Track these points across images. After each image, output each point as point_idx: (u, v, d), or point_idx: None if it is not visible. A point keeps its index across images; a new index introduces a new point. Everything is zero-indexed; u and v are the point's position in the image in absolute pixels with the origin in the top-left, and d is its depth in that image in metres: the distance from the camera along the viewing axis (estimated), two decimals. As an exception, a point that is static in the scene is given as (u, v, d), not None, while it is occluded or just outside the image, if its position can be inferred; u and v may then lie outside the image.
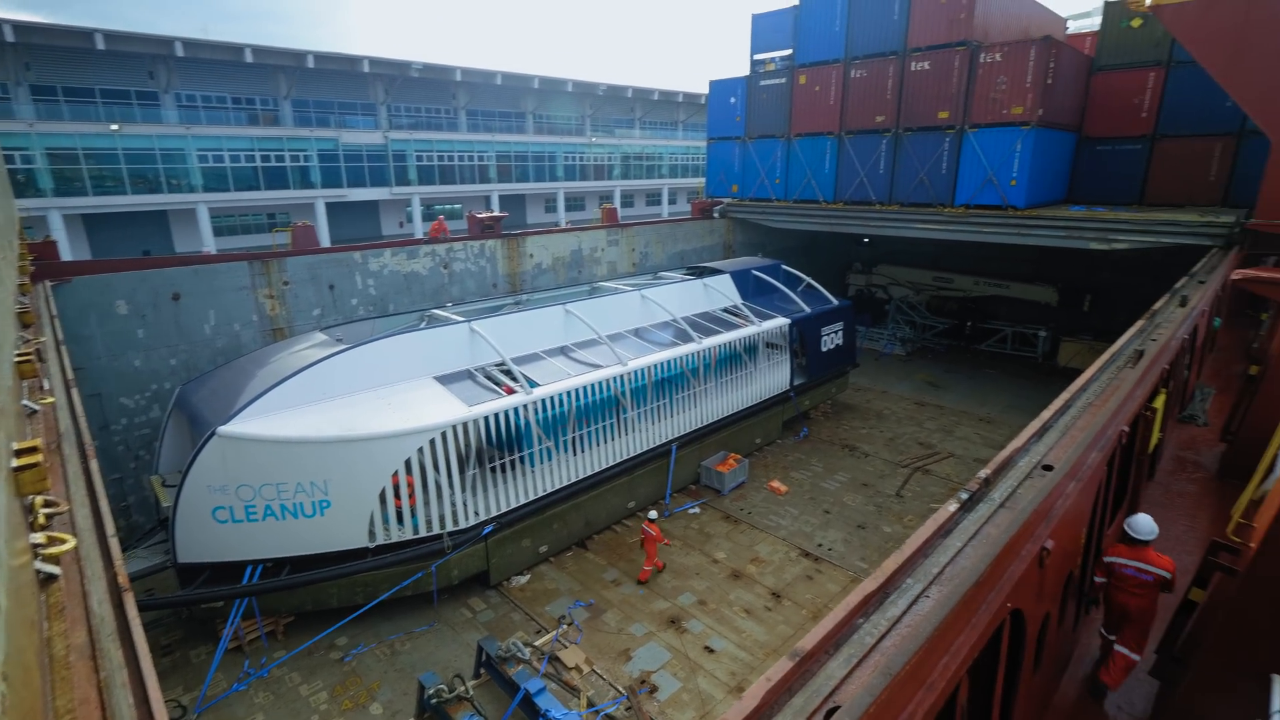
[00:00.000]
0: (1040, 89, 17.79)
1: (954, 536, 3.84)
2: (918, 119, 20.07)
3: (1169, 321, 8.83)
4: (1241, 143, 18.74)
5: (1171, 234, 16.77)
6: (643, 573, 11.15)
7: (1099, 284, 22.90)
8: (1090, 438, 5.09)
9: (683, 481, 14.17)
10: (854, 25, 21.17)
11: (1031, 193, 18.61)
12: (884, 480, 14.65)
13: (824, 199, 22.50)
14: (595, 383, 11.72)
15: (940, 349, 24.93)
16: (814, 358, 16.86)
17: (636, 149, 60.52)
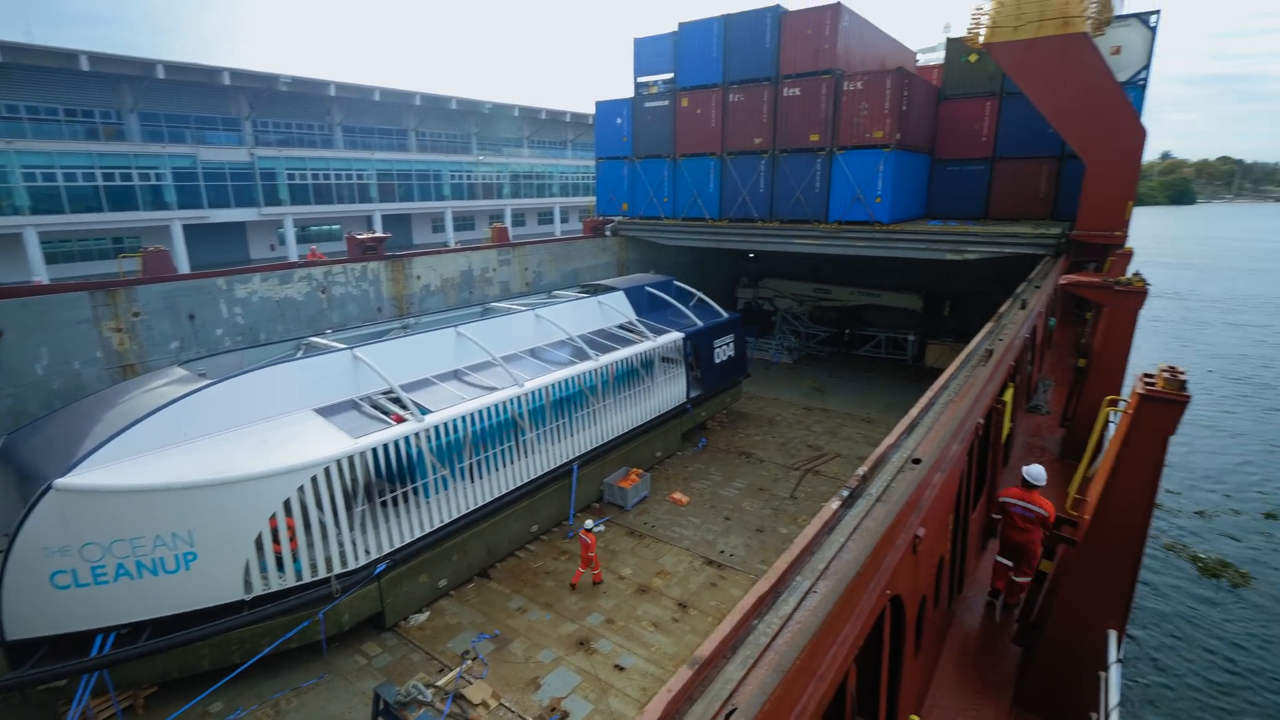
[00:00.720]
0: (897, 115, 19.49)
1: (837, 532, 4.07)
2: (792, 141, 21.37)
3: (1013, 323, 9.90)
4: (1063, 164, 21.44)
5: (1012, 244, 18.83)
6: (596, 575, 11.43)
7: (956, 291, 25.28)
8: (951, 431, 5.58)
9: (586, 500, 14.08)
10: (730, 52, 22.28)
11: (894, 209, 20.28)
12: (778, 484, 15.27)
13: (710, 216, 23.38)
14: (491, 406, 11.44)
15: (823, 356, 26.47)
16: (708, 370, 17.37)
17: (526, 168, 60.20)
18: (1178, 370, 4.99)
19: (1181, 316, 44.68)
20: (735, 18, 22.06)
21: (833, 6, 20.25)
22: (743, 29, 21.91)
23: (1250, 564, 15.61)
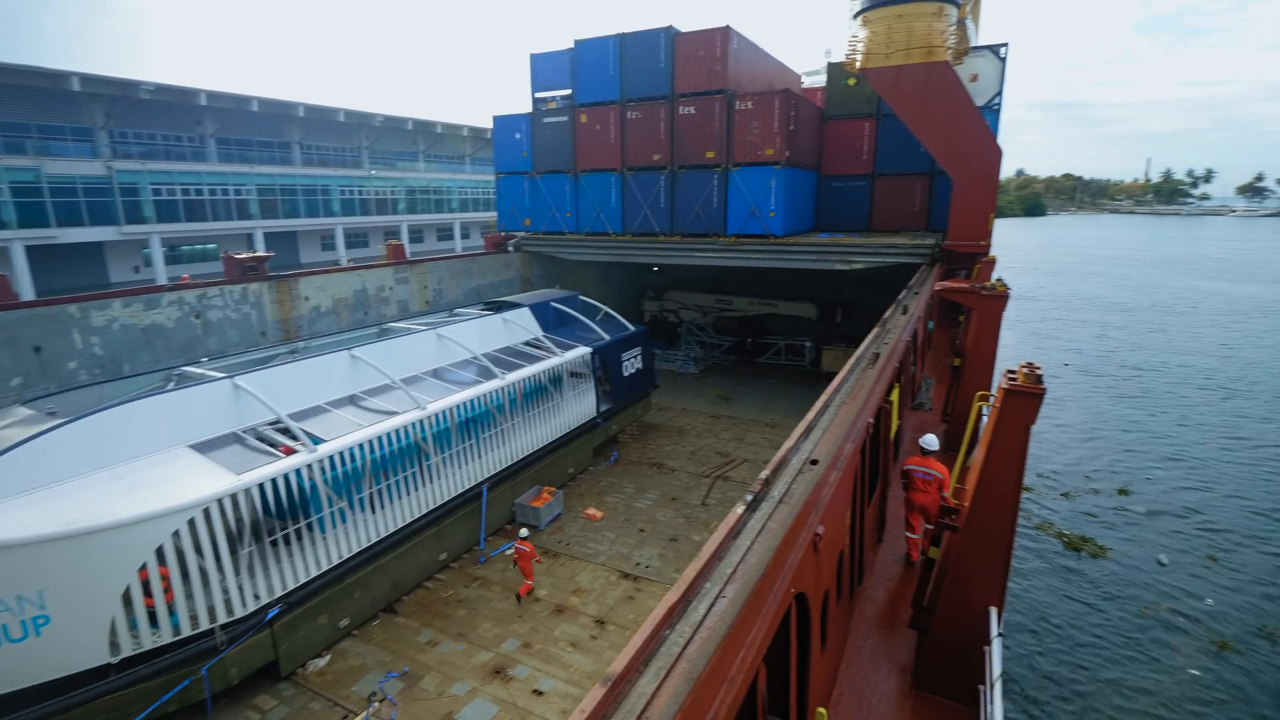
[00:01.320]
0: (785, 134, 20.55)
1: (743, 536, 4.18)
2: (689, 158, 22.02)
3: (896, 327, 10.63)
4: (934, 180, 23.37)
5: (893, 254, 20.26)
6: (524, 586, 11.39)
7: (847, 298, 26.86)
8: (845, 432, 5.90)
9: (497, 523, 13.72)
10: (626, 70, 22.70)
11: (787, 223, 21.32)
12: (690, 492, 15.53)
13: (613, 231, 23.61)
14: (392, 431, 10.93)
15: (728, 365, 27.29)
16: (617, 383, 17.45)
17: (423, 183, 58.45)
18: (1035, 366, 5.53)
19: (1040, 316, 49.67)
20: (630, 37, 22.53)
21: (722, 29, 21.13)
22: (638, 48, 22.40)
23: (1107, 537, 17.47)
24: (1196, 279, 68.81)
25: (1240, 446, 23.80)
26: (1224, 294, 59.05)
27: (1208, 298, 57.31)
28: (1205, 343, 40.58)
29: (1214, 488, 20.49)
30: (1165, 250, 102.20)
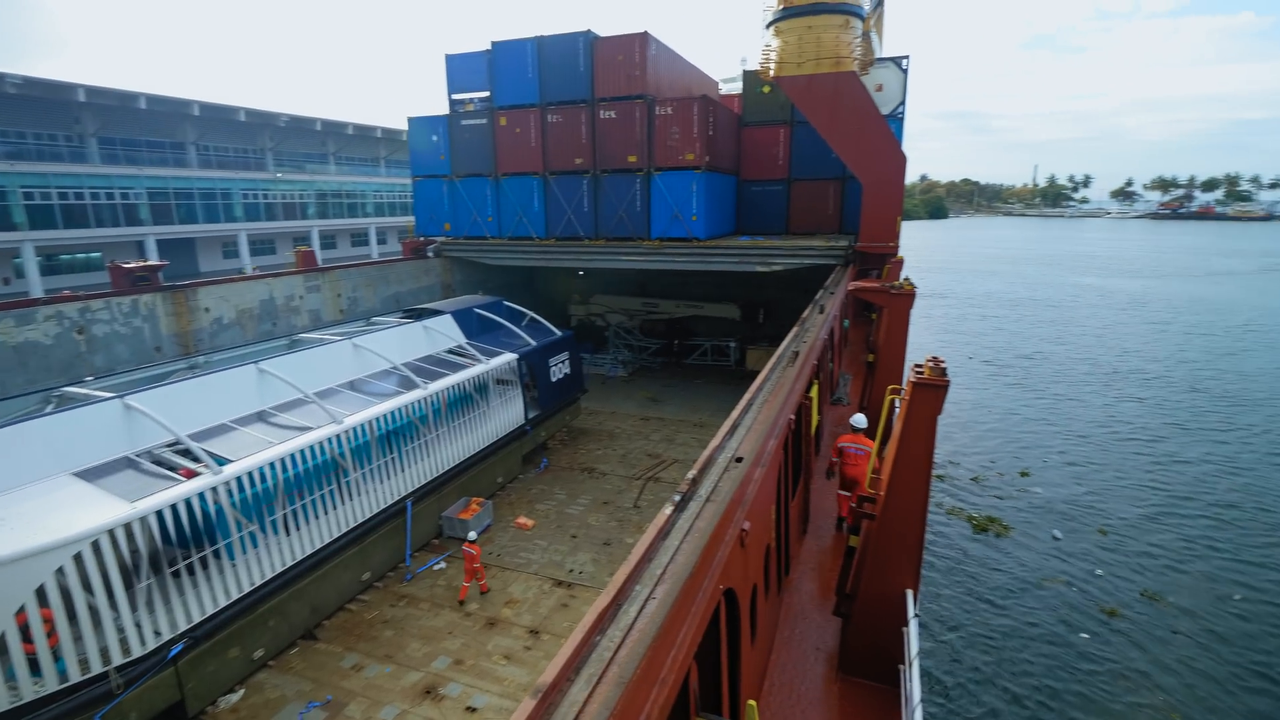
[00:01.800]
0: (705, 139, 20.97)
1: (672, 536, 4.23)
2: (611, 162, 22.11)
3: (814, 326, 11.04)
4: (845, 185, 24.44)
5: (810, 256, 21.05)
6: (482, 585, 11.58)
7: (768, 299, 27.66)
8: (768, 428, 6.07)
9: (424, 538, 13.27)
10: (545, 73, 22.54)
11: (709, 226, 21.75)
12: (622, 495, 15.55)
13: (537, 235, 23.38)
14: (306, 448, 10.37)
15: (656, 367, 27.54)
16: (545, 389, 17.27)
17: (334, 186, 55.95)
18: (939, 359, 5.88)
19: (946, 312, 52.87)
20: (549, 40, 22.40)
21: (640, 35, 21.34)
22: (556, 51, 22.30)
23: (1010, 516, 18.77)
24: (1079, 275, 75.15)
25: (1120, 425, 26.14)
26: (1102, 288, 64.76)
27: (1088, 292, 62.69)
28: (1087, 333, 44.37)
29: (1099, 465, 22.41)
30: (1051, 249, 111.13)
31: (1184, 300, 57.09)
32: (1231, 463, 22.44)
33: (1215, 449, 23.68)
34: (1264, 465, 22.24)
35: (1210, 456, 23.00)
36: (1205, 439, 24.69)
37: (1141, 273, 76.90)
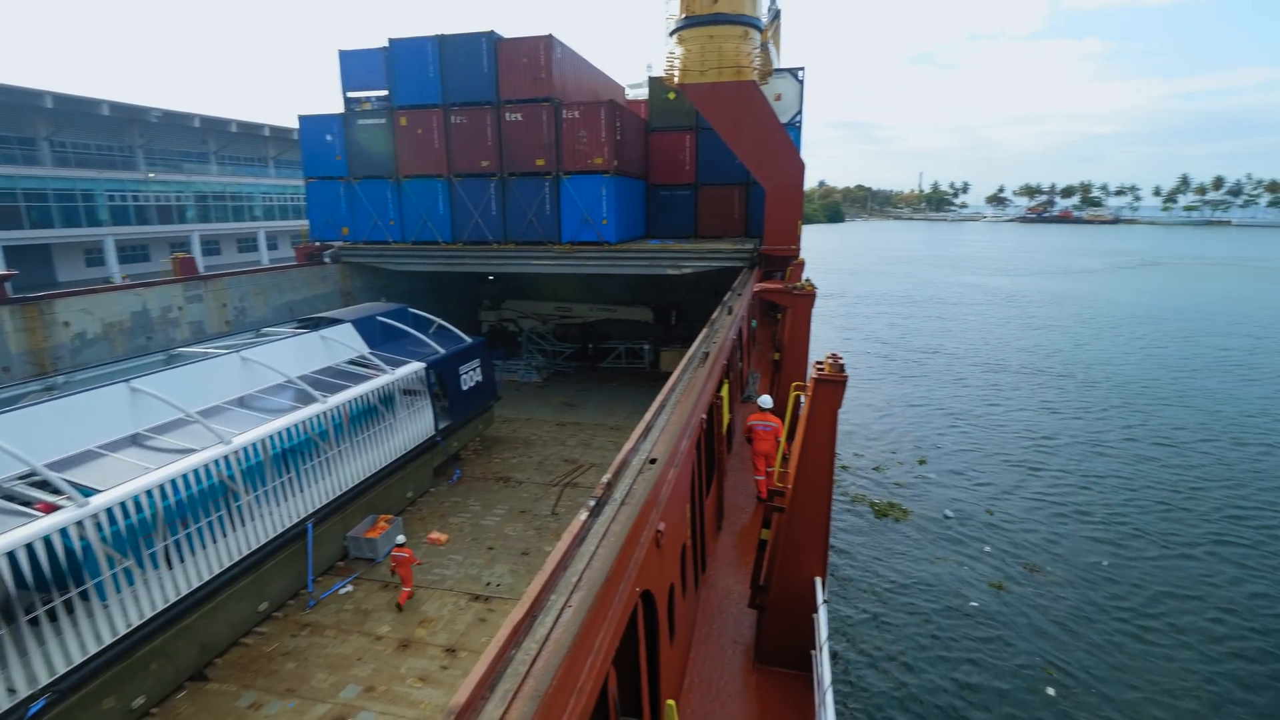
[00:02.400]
0: (613, 144, 21.07)
1: (588, 542, 4.19)
2: (519, 165, 21.79)
3: (723, 327, 11.33)
4: (749, 190, 25.27)
5: (718, 259, 21.60)
6: (403, 595, 11.41)
7: (680, 301, 28.15)
8: (681, 429, 6.15)
9: (328, 560, 12.53)
10: (448, 73, 21.93)
11: (620, 230, 21.87)
12: (539, 503, 15.33)
13: (443, 240, 22.68)
14: (188, 472, 9.53)
15: (571, 371, 27.38)
16: (456, 398, 16.76)
17: (217, 187, 51.97)
18: (838, 356, 6.17)
19: (846, 310, 55.77)
20: (450, 39, 21.82)
21: (545, 37, 21.18)
22: (459, 51, 21.75)
23: (909, 501, 20.01)
24: (962, 274, 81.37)
25: (1000, 410, 28.50)
26: (982, 286, 70.43)
27: (970, 289, 68.01)
28: (970, 327, 48.11)
29: (985, 448, 24.32)
30: (937, 250, 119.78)
31: (1050, 296, 63.08)
32: (1094, 441, 24.96)
33: (1080, 428, 26.28)
34: (1121, 441, 24.89)
35: (1077, 436, 25.50)
36: (1072, 420, 27.34)
37: (1014, 271, 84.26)
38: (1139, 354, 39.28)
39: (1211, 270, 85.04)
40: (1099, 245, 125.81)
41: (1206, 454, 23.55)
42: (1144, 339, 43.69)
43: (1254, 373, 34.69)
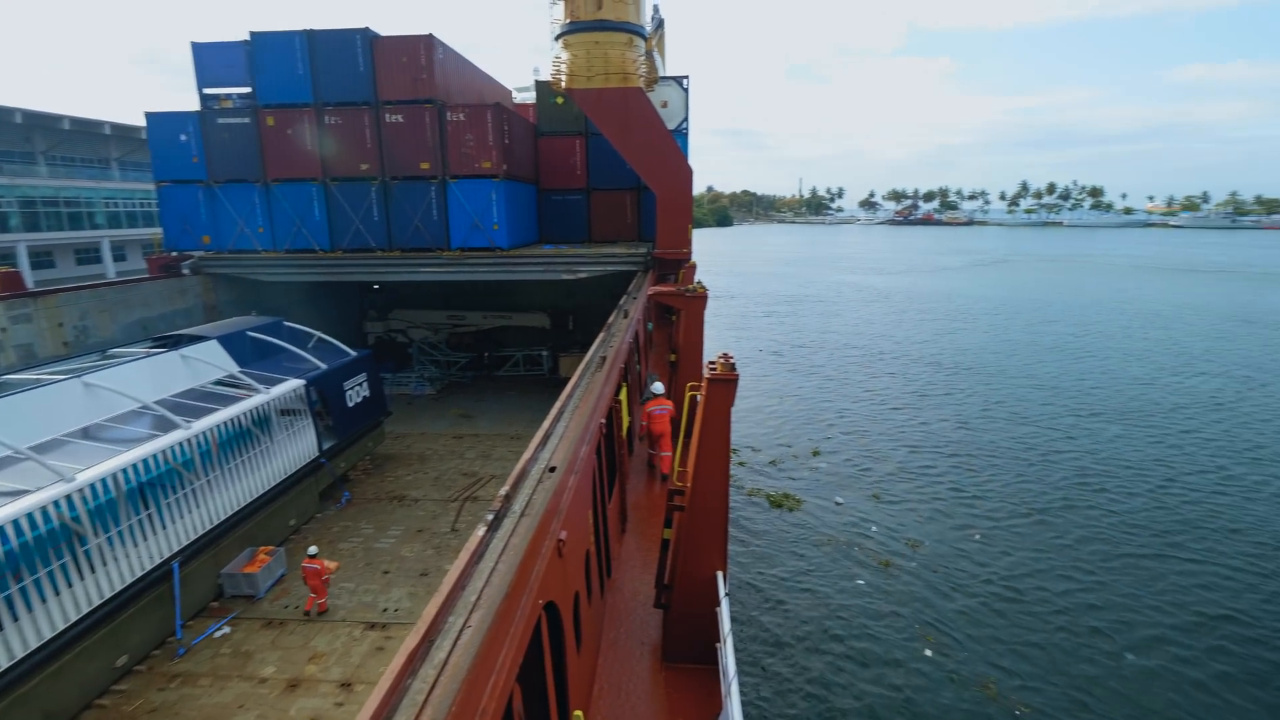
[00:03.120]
0: (501, 147, 20.67)
1: (486, 559, 4.07)
2: (402, 169, 20.88)
3: (619, 331, 11.41)
4: (641, 195, 25.63)
5: (612, 263, 21.73)
6: (315, 601, 11.16)
7: (577, 306, 28.05)
8: (580, 434, 6.12)
9: (200, 602, 11.39)
10: (320, 71, 20.65)
11: (512, 235, 21.49)
12: (438, 520, 14.74)
13: (320, 248, 21.32)
14: (20, 517, 8.34)
15: (467, 381, 26.56)
16: (341, 416, 15.79)
17: (47, 192, 45.95)
18: (729, 356, 6.39)
19: (738, 310, 57.92)
20: (321, 35, 20.56)
21: (425, 37, 20.46)
22: (331, 48, 20.54)
23: (802, 491, 21.06)
24: (840, 274, 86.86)
25: (882, 399, 30.66)
26: (858, 284, 75.52)
27: (847, 287, 72.73)
28: (848, 322, 51.44)
29: (869, 434, 26.07)
30: (818, 252, 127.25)
31: (918, 292, 68.72)
32: (960, 421, 27.43)
33: (949, 411, 28.78)
34: (983, 419, 27.51)
35: (944, 417, 27.90)
36: (942, 403, 29.90)
37: (887, 270, 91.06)
38: (993, 341, 43.64)
39: (1049, 265, 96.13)
40: (957, 245, 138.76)
41: (1053, 428, 26.52)
42: (996, 327, 48.62)
43: (1085, 355, 39.51)
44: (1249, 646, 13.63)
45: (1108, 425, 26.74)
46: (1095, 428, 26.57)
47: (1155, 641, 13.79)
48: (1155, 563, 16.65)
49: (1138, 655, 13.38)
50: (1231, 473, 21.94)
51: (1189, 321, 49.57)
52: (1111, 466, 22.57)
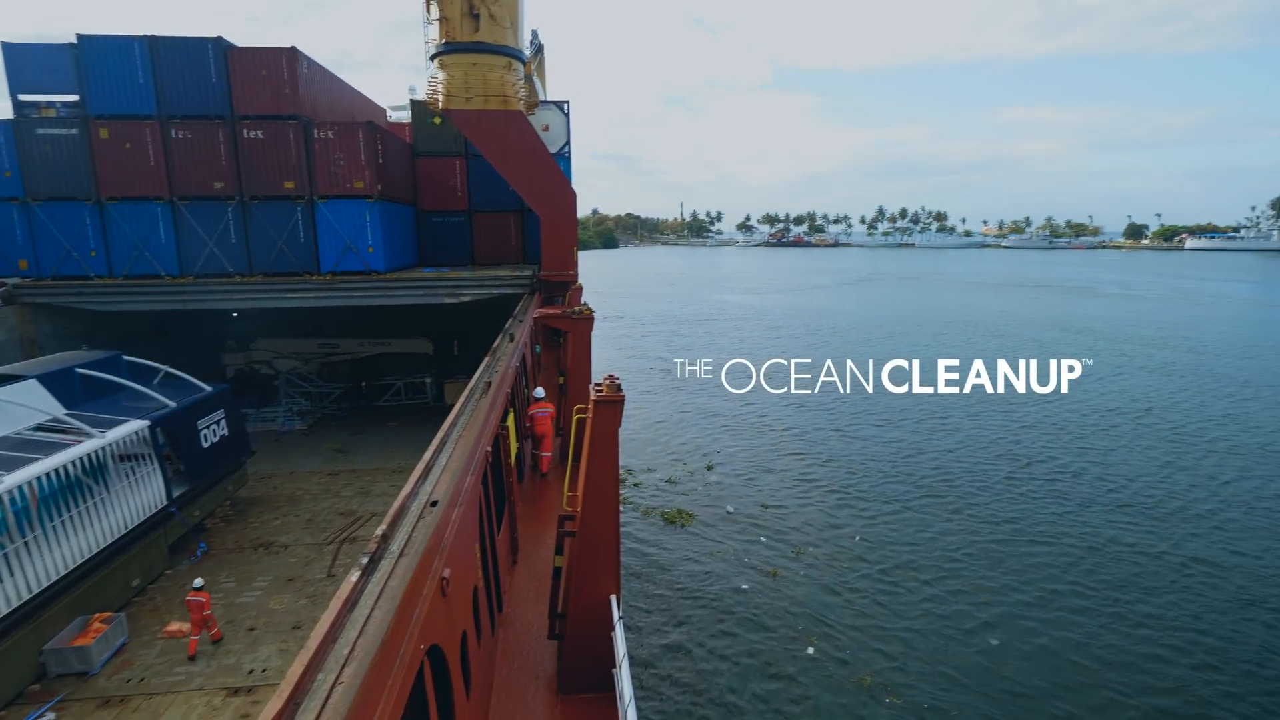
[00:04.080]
0: (375, 167, 19.79)
1: (360, 606, 3.80)
2: (264, 188, 19.45)
3: (505, 355, 11.18)
4: (525, 217, 25.41)
5: (497, 286, 21.33)
6: (214, 633, 10.74)
7: (462, 330, 27.19)
8: (464, 465, 5.90)
9: (17, 686, 9.73)
10: (165, 81, 18.87)
11: (389, 258, 20.56)
12: (311, 566, 13.59)
13: (168, 273, 19.32)
14: None
15: (342, 414, 24.88)
16: (195, 458, 14.24)
17: None
18: (615, 377, 6.43)
19: (627, 331, 58.68)
20: (165, 42, 18.83)
21: (289, 50, 19.32)
22: (178, 56, 18.86)
23: (695, 505, 21.51)
24: (722, 293, 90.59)
25: (767, 412, 32.10)
26: (739, 302, 79.10)
27: (729, 306, 75.99)
28: (730, 339, 53.67)
29: (758, 445, 27.17)
30: (701, 273, 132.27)
31: (793, 308, 73.09)
32: (838, 430, 29.28)
33: (826, 420, 30.66)
34: (858, 426, 29.51)
35: (820, 426, 29.69)
36: (819, 414, 31.79)
37: (764, 290, 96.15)
38: (859, 350, 47.18)
39: (908, 283, 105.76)
40: (826, 265, 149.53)
41: (912, 430, 28.96)
42: (862, 338, 52.63)
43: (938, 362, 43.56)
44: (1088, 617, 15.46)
45: (961, 423, 29.62)
46: (949, 427, 29.35)
47: (1010, 619, 15.31)
48: (1004, 548, 18.56)
49: (996, 636, 14.78)
50: (1060, 460, 24.99)
51: (1019, 331, 56.18)
52: (964, 461, 24.99)
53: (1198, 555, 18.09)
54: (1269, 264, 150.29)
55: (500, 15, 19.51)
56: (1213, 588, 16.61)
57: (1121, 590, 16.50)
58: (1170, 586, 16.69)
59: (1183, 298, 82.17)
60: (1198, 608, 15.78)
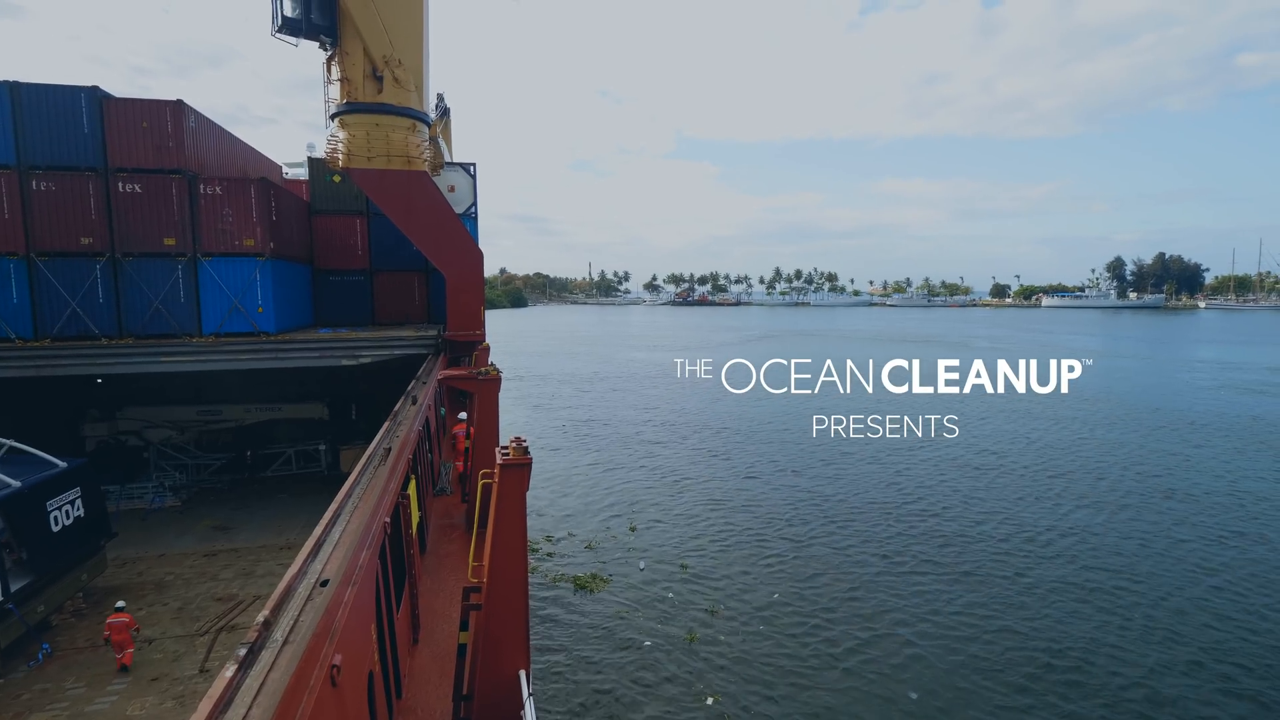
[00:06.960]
0: (268, 224, 18.97)
1: (236, 705, 3.46)
2: (139, 244, 18.14)
3: (407, 418, 10.76)
4: (430, 276, 24.97)
5: (400, 347, 20.64)
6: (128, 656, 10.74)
7: (360, 394, 25.89)
8: (359, 539, 5.57)
9: None
10: (27, 129, 17.48)
11: (280, 318, 19.51)
12: (181, 661, 12.09)
13: (19, 336, 17.39)
14: None
15: (223, 487, 22.78)
16: (40, 545, 12.52)
17: None
18: (522, 439, 6.36)
19: (538, 390, 57.98)
20: (30, 89, 17.54)
21: (174, 103, 18.47)
22: (44, 104, 17.58)
23: (610, 569, 21.08)
24: (631, 350, 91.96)
25: (680, 467, 32.37)
26: (648, 360, 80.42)
27: (640, 364, 77.08)
28: (643, 398, 54.23)
29: (675, 501, 27.23)
30: (609, 330, 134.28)
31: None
32: (753, 480, 29.92)
33: (736, 473, 31.30)
34: (770, 474, 30.28)
35: (733, 477, 30.27)
36: (733, 467, 32.44)
37: (670, 347, 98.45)
38: (762, 406, 48.95)
39: (806, 338, 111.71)
40: (729, 323, 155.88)
41: (818, 478, 30.10)
42: (766, 395, 54.71)
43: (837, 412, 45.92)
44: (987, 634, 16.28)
45: (863, 470, 31.11)
46: (857, 474, 30.76)
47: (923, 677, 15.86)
48: (895, 578, 19.41)
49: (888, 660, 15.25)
50: (949, 481, 26.69)
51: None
52: (860, 504, 26.19)
53: (1079, 586, 19.65)
54: (1110, 319, 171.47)
55: (405, 79, 19.64)
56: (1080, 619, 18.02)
57: (1034, 648, 17.57)
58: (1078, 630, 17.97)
59: (1045, 351, 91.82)
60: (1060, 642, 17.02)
